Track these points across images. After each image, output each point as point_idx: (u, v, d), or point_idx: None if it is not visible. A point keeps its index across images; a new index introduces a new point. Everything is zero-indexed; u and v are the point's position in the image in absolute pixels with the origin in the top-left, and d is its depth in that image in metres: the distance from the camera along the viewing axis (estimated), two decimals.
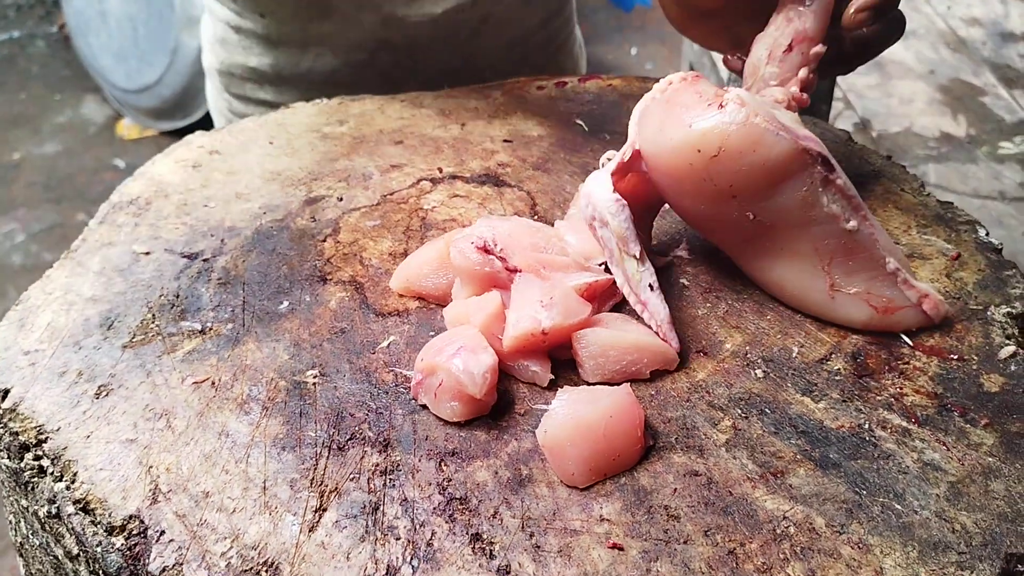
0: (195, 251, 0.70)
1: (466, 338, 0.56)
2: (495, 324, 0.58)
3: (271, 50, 0.98)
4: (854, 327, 0.61)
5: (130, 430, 0.55)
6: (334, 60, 0.97)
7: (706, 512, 0.49)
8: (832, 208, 0.58)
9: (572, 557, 0.47)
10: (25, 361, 0.59)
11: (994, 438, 0.54)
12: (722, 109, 0.55)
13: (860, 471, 0.52)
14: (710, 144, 0.55)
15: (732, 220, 0.59)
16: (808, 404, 0.56)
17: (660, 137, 0.58)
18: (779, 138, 0.55)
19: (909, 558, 0.47)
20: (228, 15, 0.99)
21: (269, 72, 0.99)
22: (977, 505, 0.50)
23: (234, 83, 1.03)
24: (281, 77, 0.99)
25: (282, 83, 1.00)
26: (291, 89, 1.00)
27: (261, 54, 0.98)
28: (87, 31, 3.23)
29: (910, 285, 0.60)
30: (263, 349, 0.60)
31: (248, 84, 1.02)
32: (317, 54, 0.97)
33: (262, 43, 0.98)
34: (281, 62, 0.98)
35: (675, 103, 0.59)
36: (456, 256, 0.61)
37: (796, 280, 0.61)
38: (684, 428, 0.55)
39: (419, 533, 0.48)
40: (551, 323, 0.56)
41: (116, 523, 0.49)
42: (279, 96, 1.00)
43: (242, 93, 1.03)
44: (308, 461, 0.52)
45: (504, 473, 0.52)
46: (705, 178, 0.57)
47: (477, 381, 0.53)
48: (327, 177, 0.79)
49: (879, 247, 0.59)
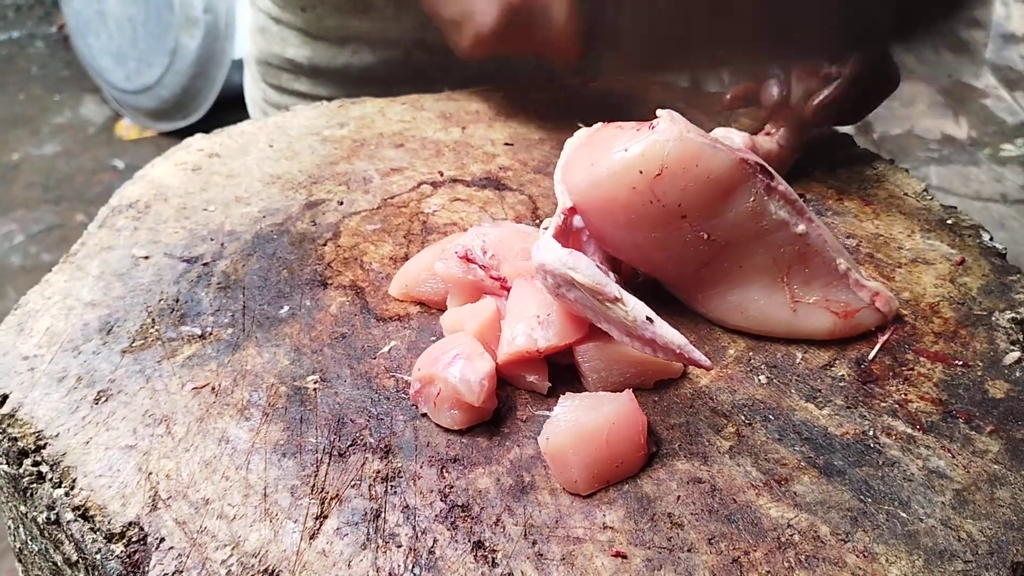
0: (195, 255, 0.69)
1: (462, 345, 0.55)
2: (490, 331, 0.57)
3: (309, 43, 0.99)
4: (820, 338, 0.60)
5: (129, 436, 0.54)
6: (371, 56, 0.98)
7: (710, 520, 0.49)
8: (780, 214, 0.57)
9: (575, 565, 0.47)
10: (24, 366, 0.59)
11: (1000, 445, 0.53)
12: (654, 129, 0.54)
13: (865, 478, 0.51)
14: (651, 163, 0.54)
15: (685, 244, 0.57)
16: (812, 411, 0.56)
17: (594, 173, 0.56)
18: (716, 150, 0.54)
19: (915, 567, 0.47)
20: (269, 6, 1.00)
21: (306, 65, 1.00)
22: (983, 513, 0.49)
23: (271, 73, 1.04)
24: (317, 70, 1.01)
25: (318, 76, 1.01)
26: (327, 82, 1.01)
27: (299, 46, 1.00)
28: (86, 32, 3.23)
29: (861, 285, 0.60)
30: (263, 354, 0.60)
31: (284, 75, 1.03)
32: (354, 50, 0.98)
33: (301, 35, 0.99)
34: (318, 55, 0.99)
35: (599, 141, 0.57)
36: (440, 267, 0.61)
37: (758, 299, 0.60)
38: (687, 435, 0.54)
39: (421, 541, 0.48)
40: (547, 344, 0.55)
41: (115, 530, 0.49)
42: (314, 88, 1.02)
43: (278, 83, 1.04)
44: (309, 468, 0.52)
45: (506, 480, 0.51)
46: (651, 199, 0.55)
47: (474, 389, 0.53)
48: (327, 181, 0.79)
49: (828, 248, 0.59)
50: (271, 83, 1.05)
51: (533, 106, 0.91)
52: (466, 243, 0.61)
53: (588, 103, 0.91)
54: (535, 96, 0.92)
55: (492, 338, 0.57)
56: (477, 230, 0.63)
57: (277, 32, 1.01)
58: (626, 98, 0.92)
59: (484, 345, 0.56)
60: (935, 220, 0.73)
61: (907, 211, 0.74)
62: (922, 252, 0.69)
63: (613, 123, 0.59)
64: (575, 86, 0.94)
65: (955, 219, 0.73)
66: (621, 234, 0.58)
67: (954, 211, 0.74)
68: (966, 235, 0.71)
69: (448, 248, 0.62)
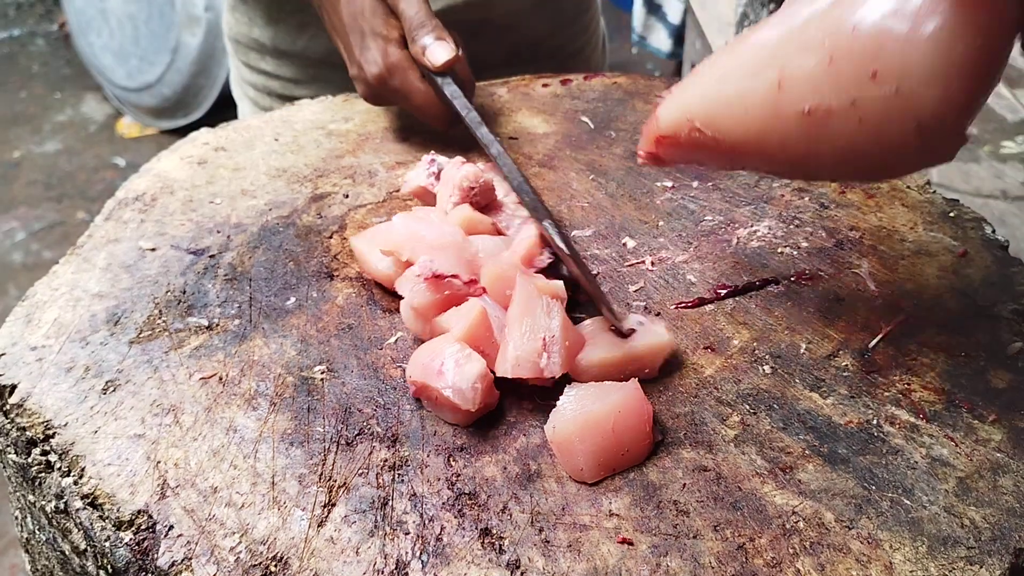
0: (201, 247, 0.70)
1: (449, 350, 0.54)
2: (479, 331, 0.56)
3: (271, 25, 1.01)
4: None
5: (138, 425, 0.54)
6: (327, 43, 0.99)
7: (715, 507, 0.49)
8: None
9: (582, 552, 0.47)
10: (32, 357, 0.59)
11: (1002, 433, 0.54)
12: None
13: (869, 466, 0.52)
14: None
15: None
16: (816, 400, 0.56)
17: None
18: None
19: (918, 553, 0.47)
20: None
21: (269, 45, 1.03)
22: (986, 500, 0.50)
23: (241, 50, 1.07)
24: (279, 51, 1.03)
25: (281, 57, 1.03)
26: (289, 64, 1.03)
27: (263, 27, 1.02)
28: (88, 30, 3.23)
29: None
30: (270, 345, 0.60)
31: (252, 53, 1.05)
32: (312, 35, 0.99)
33: (263, 17, 1.02)
34: (279, 38, 1.01)
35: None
36: (414, 299, 0.58)
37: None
38: (693, 424, 0.55)
39: (428, 528, 0.48)
40: (550, 373, 0.53)
41: (124, 518, 0.49)
42: (278, 69, 1.04)
43: (247, 61, 1.07)
44: (316, 456, 0.52)
45: (513, 468, 0.52)
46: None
47: (468, 396, 0.52)
48: (333, 174, 0.79)
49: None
50: (243, 61, 1.08)
51: (537, 100, 0.91)
52: (423, 267, 0.59)
53: (591, 98, 0.91)
54: (539, 91, 0.93)
55: (481, 339, 0.56)
56: (423, 258, 0.60)
57: (244, 11, 1.04)
58: (629, 94, 0.92)
59: (474, 346, 0.55)
60: (938, 213, 0.73)
61: (910, 204, 0.74)
62: (925, 244, 0.69)
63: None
64: (579, 81, 0.95)
65: (957, 212, 0.73)
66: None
67: (956, 204, 0.74)
68: (968, 228, 0.71)
69: (406, 279, 0.60)
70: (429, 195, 0.72)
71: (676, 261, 0.68)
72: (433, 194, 0.72)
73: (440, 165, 0.73)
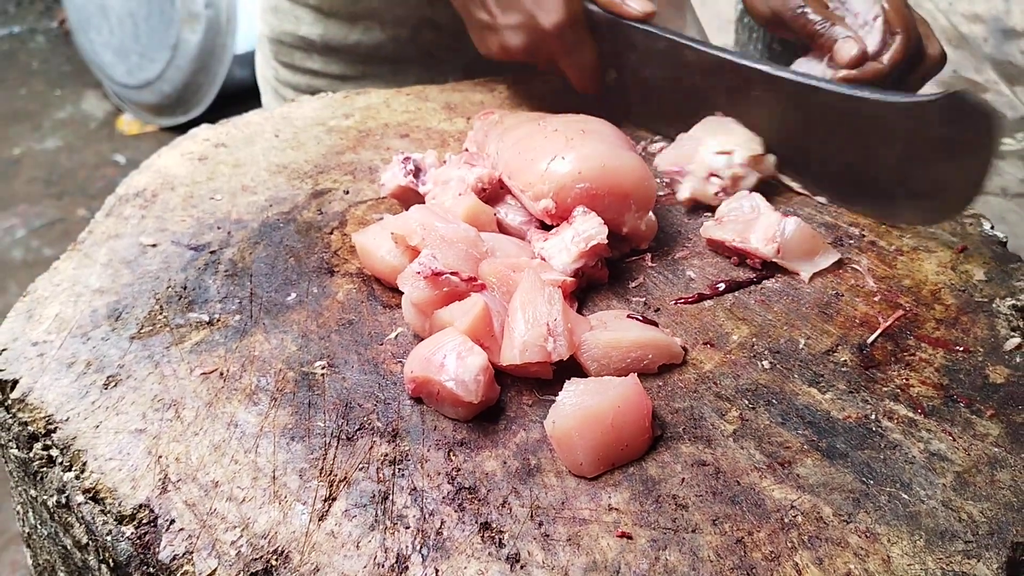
0: (202, 243, 0.70)
1: (450, 343, 0.55)
2: (481, 325, 0.56)
3: (322, 20, 1.02)
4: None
5: (139, 420, 0.55)
6: (380, 34, 1.00)
7: (714, 501, 0.50)
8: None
9: (581, 546, 0.47)
10: (34, 352, 0.60)
11: (1000, 428, 0.54)
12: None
13: (867, 461, 0.52)
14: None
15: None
16: (815, 395, 0.56)
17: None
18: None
19: (916, 547, 0.47)
20: None
21: (318, 42, 1.03)
22: (983, 495, 0.50)
23: (283, 51, 1.07)
24: (329, 47, 1.03)
25: (330, 53, 1.03)
26: (338, 60, 1.04)
27: (312, 23, 1.03)
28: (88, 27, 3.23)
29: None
30: (271, 340, 0.61)
31: (297, 52, 1.05)
32: (365, 27, 1.01)
33: (313, 13, 1.02)
34: (331, 33, 1.02)
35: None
36: (414, 295, 0.58)
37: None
38: (692, 419, 0.55)
39: (428, 522, 0.49)
40: (558, 356, 0.54)
41: (126, 512, 0.50)
42: (326, 66, 1.04)
43: (290, 61, 1.07)
44: (317, 451, 0.53)
45: (513, 463, 0.52)
46: None
47: (471, 388, 0.53)
48: (333, 170, 0.79)
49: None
50: (283, 61, 1.08)
51: (537, 96, 0.91)
52: (422, 263, 0.59)
53: (591, 94, 0.91)
54: (539, 87, 0.93)
55: (483, 333, 0.56)
56: (425, 252, 0.60)
57: (290, 10, 1.04)
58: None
59: (475, 340, 0.55)
60: None
61: None
62: (924, 240, 0.70)
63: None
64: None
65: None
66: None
67: None
68: (967, 223, 0.72)
69: (407, 275, 0.60)
70: (411, 193, 0.71)
71: (675, 257, 0.69)
72: (416, 192, 0.71)
73: (416, 162, 0.72)
